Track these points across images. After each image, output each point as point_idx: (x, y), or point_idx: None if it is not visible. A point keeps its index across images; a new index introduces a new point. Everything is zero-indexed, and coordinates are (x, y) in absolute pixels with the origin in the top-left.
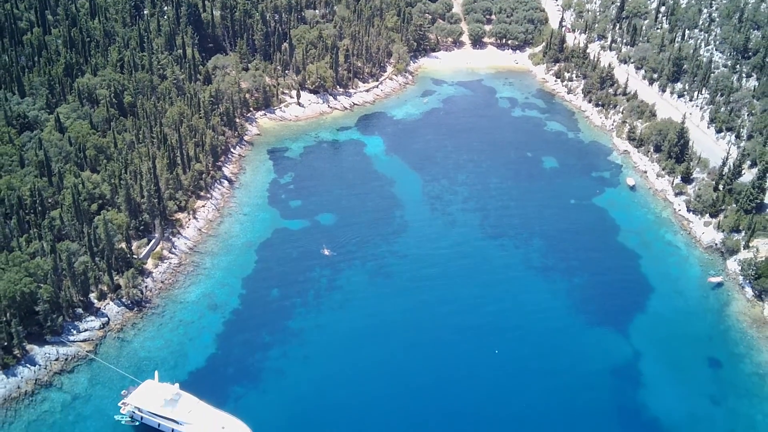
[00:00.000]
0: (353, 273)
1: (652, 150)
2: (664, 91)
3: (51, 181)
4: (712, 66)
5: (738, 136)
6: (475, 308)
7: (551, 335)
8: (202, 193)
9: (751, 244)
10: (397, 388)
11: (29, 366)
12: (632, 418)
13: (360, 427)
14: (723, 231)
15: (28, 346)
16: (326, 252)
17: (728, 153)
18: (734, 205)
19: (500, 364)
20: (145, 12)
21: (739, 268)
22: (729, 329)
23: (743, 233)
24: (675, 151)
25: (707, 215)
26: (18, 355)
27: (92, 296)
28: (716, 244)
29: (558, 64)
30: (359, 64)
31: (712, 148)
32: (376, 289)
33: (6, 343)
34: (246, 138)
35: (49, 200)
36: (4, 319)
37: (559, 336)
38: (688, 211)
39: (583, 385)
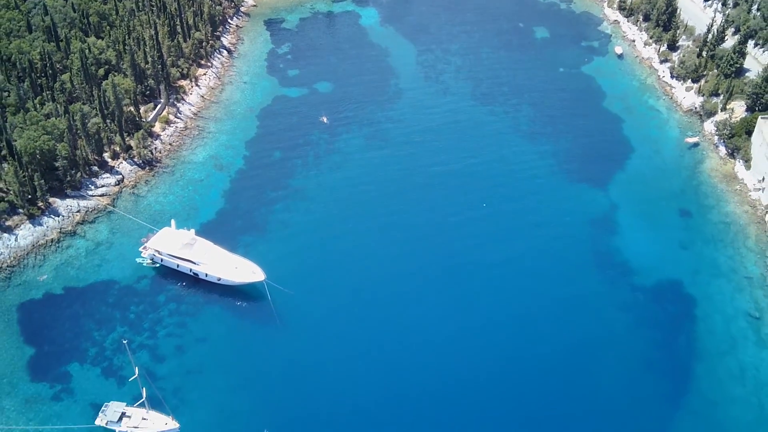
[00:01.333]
0: (351, 137)
1: (641, 19)
2: None
3: (59, 45)
4: None
5: (724, 4)
6: (465, 167)
7: (536, 190)
8: (202, 62)
9: (728, 107)
10: (393, 231)
11: (53, 216)
12: (607, 261)
13: (361, 266)
14: (703, 95)
15: (51, 199)
16: (324, 120)
17: (713, 20)
18: (715, 71)
19: (487, 215)
20: None
21: (715, 128)
22: (701, 184)
23: (721, 96)
24: (663, 19)
25: (689, 80)
26: (42, 207)
27: (106, 155)
28: (695, 108)
29: None
30: None
31: (700, 16)
32: (372, 150)
33: (30, 196)
34: (242, 9)
35: (59, 65)
36: (27, 173)
37: (544, 191)
38: (672, 77)
39: (563, 233)
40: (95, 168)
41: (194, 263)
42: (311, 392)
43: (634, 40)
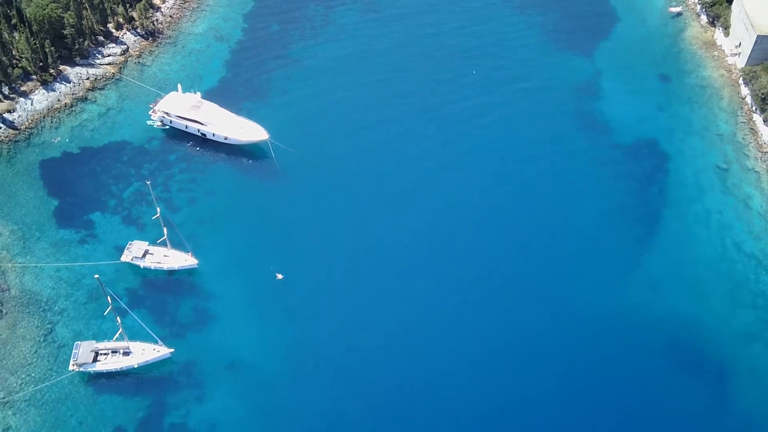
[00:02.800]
0: (346, 9)
1: None
2: None
3: None
4: None
5: None
6: (456, 36)
7: (523, 57)
8: None
9: None
10: (389, 96)
11: (65, 83)
12: (589, 122)
13: (358, 125)
14: None
15: (62, 67)
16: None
17: None
18: None
19: (476, 80)
20: None
21: None
22: (681, 51)
23: None
24: None
25: None
26: (54, 73)
27: (110, 26)
28: None
29: None
30: None
31: None
32: (367, 23)
33: (42, 63)
34: None
35: None
36: (38, 41)
37: (531, 58)
38: None
39: (549, 96)
40: (101, 38)
41: (201, 124)
42: (314, 237)
43: None
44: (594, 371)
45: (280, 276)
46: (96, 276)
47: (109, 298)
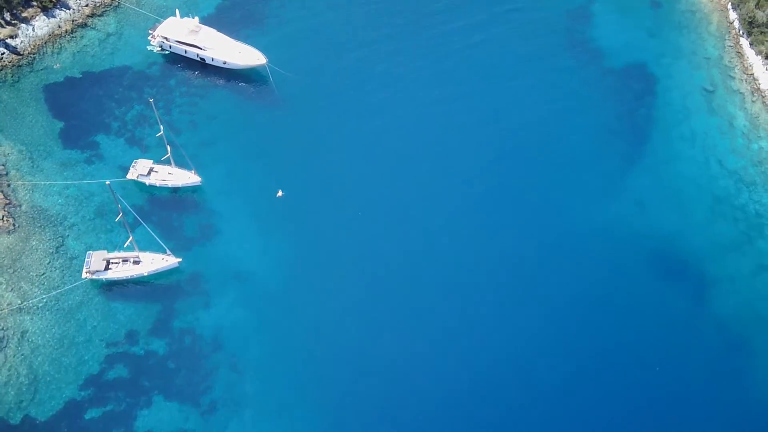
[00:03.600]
0: None
1: None
2: None
3: None
4: None
5: None
6: None
7: None
8: None
9: None
10: (383, 24)
11: (65, 9)
12: (580, 47)
13: (354, 51)
14: None
15: None
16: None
17: None
18: None
19: (468, 3)
20: None
21: None
22: None
23: None
24: None
25: None
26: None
27: None
28: None
29: None
30: None
31: None
32: None
33: None
34: None
35: None
36: None
37: None
38: None
39: (540, 18)
40: None
41: (201, 48)
42: (312, 157)
43: None
44: (581, 283)
45: (280, 193)
46: (107, 182)
47: (119, 206)
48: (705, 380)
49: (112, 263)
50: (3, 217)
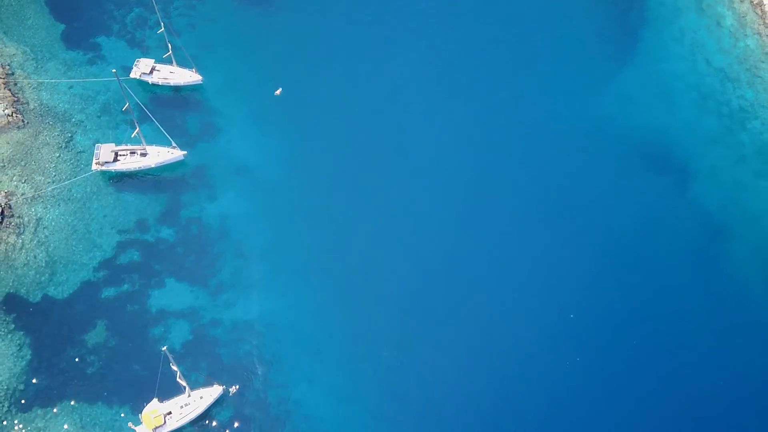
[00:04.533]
0: None
1: None
2: None
3: None
4: None
5: None
6: None
7: None
8: None
9: None
10: None
11: None
12: None
13: None
14: None
15: None
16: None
17: None
18: None
19: None
20: None
21: None
22: None
23: None
24: None
25: None
26: None
27: None
28: None
29: None
30: None
31: None
32: None
33: None
34: None
35: None
36: None
37: None
38: None
39: None
40: None
41: None
42: (310, 59)
43: None
44: (568, 175)
45: (278, 91)
46: (113, 70)
47: (125, 96)
48: (688, 264)
49: (120, 155)
50: (12, 113)
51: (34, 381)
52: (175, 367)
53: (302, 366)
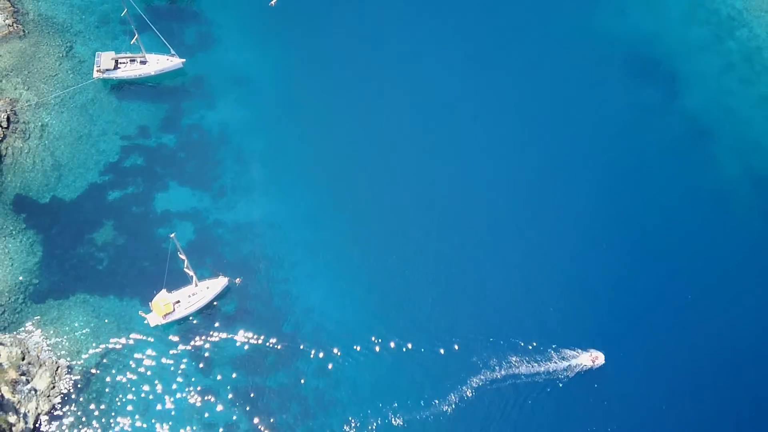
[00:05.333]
0: None
1: None
2: None
3: None
4: None
5: None
6: None
7: None
8: None
9: None
10: None
11: None
12: None
13: None
14: None
15: None
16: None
17: None
18: None
19: None
20: None
21: None
22: None
23: None
24: None
25: None
26: None
27: None
28: None
29: None
30: None
31: None
32: None
33: None
34: None
35: None
36: None
37: None
38: None
39: None
40: None
41: None
42: None
43: None
44: (560, 83)
45: (273, 2)
46: None
47: (125, 5)
48: (673, 164)
49: (121, 62)
50: (13, 23)
51: (47, 276)
52: (182, 256)
53: (302, 264)
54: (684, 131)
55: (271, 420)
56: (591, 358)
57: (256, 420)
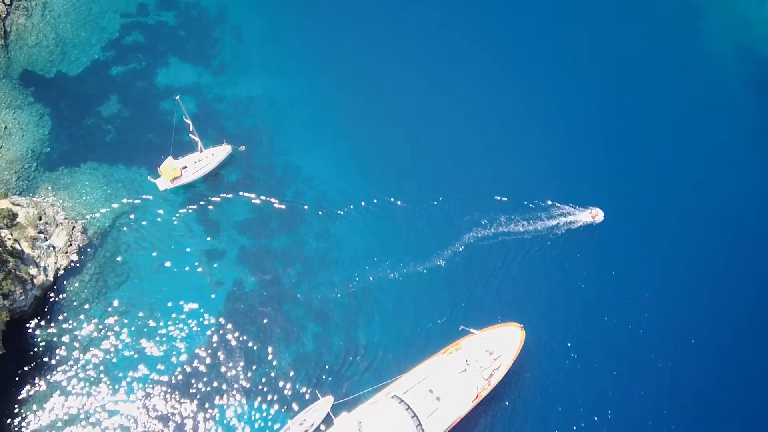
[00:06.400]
0: None
1: None
2: None
3: None
4: None
5: None
6: None
7: None
8: None
9: None
10: None
11: None
12: None
13: None
14: None
15: None
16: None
17: None
18: None
19: None
20: None
21: None
22: None
23: None
24: None
25: None
26: None
27: None
28: None
29: None
30: None
31: None
32: None
33: None
34: None
35: None
36: None
37: None
38: None
39: None
40: None
41: None
42: None
43: None
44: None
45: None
46: None
47: None
48: (663, 37)
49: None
50: None
51: (57, 146)
52: (188, 120)
53: (302, 137)
54: (675, 6)
55: (277, 276)
56: (591, 215)
57: (262, 277)
